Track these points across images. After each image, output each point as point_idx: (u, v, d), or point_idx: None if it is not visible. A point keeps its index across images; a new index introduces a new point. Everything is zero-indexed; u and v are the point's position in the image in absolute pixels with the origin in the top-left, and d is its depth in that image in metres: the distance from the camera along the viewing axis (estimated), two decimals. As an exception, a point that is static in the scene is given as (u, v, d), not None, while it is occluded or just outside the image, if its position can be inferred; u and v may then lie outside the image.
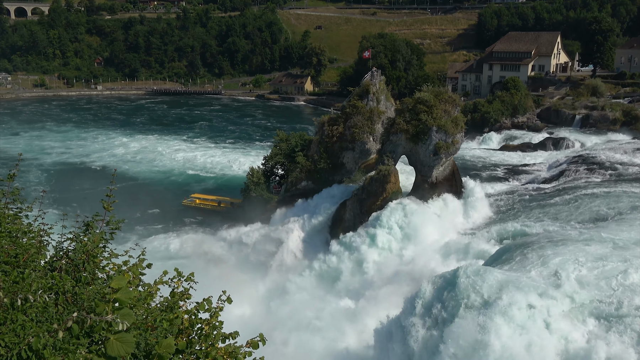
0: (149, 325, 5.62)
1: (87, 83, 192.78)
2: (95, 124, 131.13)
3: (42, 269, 6.13)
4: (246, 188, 57.15)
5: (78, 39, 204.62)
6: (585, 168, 54.47)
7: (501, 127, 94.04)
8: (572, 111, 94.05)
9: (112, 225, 7.13)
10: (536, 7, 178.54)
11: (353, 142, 50.34)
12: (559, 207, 42.27)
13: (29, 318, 4.82)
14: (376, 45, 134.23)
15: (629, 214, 36.88)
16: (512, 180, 57.96)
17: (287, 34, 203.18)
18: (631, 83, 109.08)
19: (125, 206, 58.74)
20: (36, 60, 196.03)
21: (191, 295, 6.64)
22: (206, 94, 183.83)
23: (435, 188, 47.33)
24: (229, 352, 5.94)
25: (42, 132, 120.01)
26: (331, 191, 51.40)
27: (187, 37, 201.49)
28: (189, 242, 55.36)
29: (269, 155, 59.32)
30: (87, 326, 4.50)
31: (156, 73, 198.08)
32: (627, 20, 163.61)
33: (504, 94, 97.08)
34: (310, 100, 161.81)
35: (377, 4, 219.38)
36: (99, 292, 5.51)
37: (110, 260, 6.58)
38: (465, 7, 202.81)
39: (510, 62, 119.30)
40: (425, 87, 49.66)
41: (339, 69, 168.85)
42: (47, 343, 4.39)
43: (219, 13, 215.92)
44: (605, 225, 35.12)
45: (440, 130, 45.85)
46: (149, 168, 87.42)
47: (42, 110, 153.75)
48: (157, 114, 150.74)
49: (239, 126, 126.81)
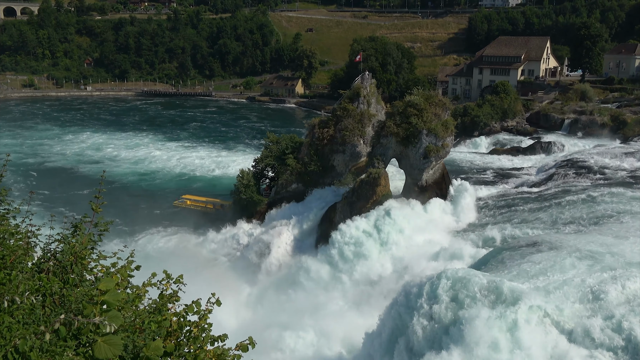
0: (137, 327, 5.59)
1: (76, 84, 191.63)
2: (84, 125, 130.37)
3: (30, 270, 6.08)
4: (236, 190, 57.03)
5: (68, 39, 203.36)
6: (574, 172, 54.84)
7: (491, 131, 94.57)
8: (561, 115, 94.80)
9: (100, 226, 7.09)
10: (526, 12, 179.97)
11: (343, 145, 50.41)
12: (547, 211, 42.53)
13: (16, 320, 4.78)
14: (367, 49, 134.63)
15: (616, 218, 37.19)
16: (501, 184, 58.22)
17: (278, 36, 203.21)
18: (619, 88, 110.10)
19: (115, 207, 58.45)
20: (25, 61, 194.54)
21: (180, 297, 6.61)
22: (197, 95, 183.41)
23: (425, 191, 47.47)
24: (217, 355, 5.92)
25: (31, 132, 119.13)
26: (321, 194, 51.42)
27: (177, 38, 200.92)
28: (179, 244, 55.12)
29: (260, 158, 59.23)
30: (74, 328, 4.48)
31: (146, 74, 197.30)
32: (615, 26, 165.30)
33: (493, 98, 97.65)
34: (301, 102, 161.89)
35: (369, 7, 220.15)
36: (87, 294, 5.47)
37: (99, 262, 6.54)
38: (455, 11, 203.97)
39: (500, 67, 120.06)
40: (416, 91, 49.80)
41: (330, 72, 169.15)
42: (34, 345, 4.37)
43: (210, 14, 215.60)
44: (594, 230, 35.38)
45: (431, 133, 46.01)
46: (140, 169, 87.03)
47: (32, 111, 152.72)
48: (147, 115, 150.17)
49: (230, 128, 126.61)
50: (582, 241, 30.23)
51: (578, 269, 25.84)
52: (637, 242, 29.85)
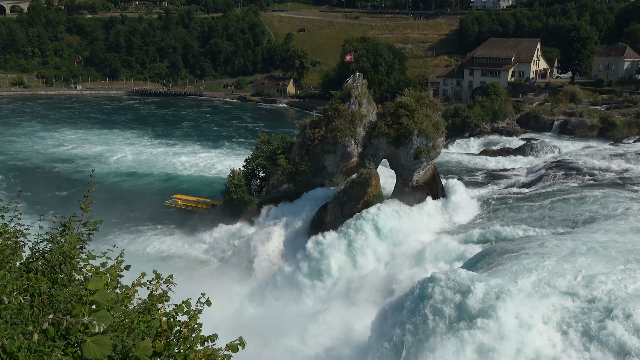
0: (126, 327, 5.57)
1: (66, 82, 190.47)
2: (74, 124, 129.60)
3: (18, 270, 6.05)
4: (227, 190, 56.91)
5: (58, 37, 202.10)
6: (563, 173, 55.19)
7: (481, 132, 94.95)
8: (551, 117, 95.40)
9: (89, 226, 7.06)
10: (517, 14, 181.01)
11: (335, 145, 50.44)
12: (537, 212, 42.77)
13: (4, 320, 4.75)
14: (358, 49, 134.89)
15: (604, 219, 37.47)
16: (491, 185, 58.48)
17: (269, 36, 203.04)
18: (608, 90, 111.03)
19: (105, 206, 58.12)
20: (14, 59, 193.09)
21: (170, 297, 6.59)
22: (188, 95, 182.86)
23: (416, 192, 47.58)
24: (207, 355, 5.91)
25: (21, 131, 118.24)
26: (312, 194, 51.42)
27: (169, 37, 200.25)
28: (169, 244, 54.94)
29: (251, 157, 59.14)
30: (63, 328, 4.45)
31: (137, 73, 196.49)
32: (605, 28, 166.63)
33: (484, 100, 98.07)
34: (292, 102, 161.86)
35: (360, 8, 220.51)
36: (76, 294, 5.45)
37: (88, 261, 6.51)
38: (447, 12, 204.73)
39: (490, 68, 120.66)
40: (407, 92, 49.90)
41: (322, 72, 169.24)
42: (22, 345, 4.34)
43: (201, 14, 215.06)
44: (582, 230, 35.63)
45: (422, 134, 46.13)
46: (131, 168, 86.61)
47: (23, 109, 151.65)
48: (138, 114, 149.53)
49: (221, 127, 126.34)
50: (573, 241, 30.43)
51: (568, 268, 26.00)
52: (628, 241, 30.08)
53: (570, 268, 26.07)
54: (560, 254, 28.05)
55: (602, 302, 22.88)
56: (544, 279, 25.14)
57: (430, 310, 24.19)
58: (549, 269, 26.18)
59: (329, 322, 36.92)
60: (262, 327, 37.30)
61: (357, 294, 39.22)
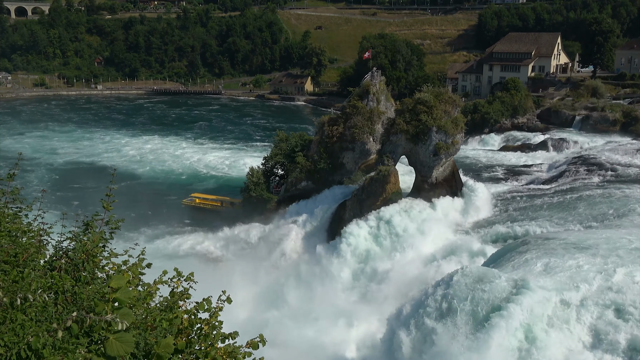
0: (148, 325, 5.62)
1: (87, 83, 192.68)
2: (96, 124, 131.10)
3: (42, 268, 6.13)
4: (246, 188, 57.12)
5: (78, 38, 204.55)
6: (585, 169, 54.49)
7: (501, 127, 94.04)
8: (572, 112, 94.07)
9: (111, 224, 7.13)
10: (536, 7, 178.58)
11: (353, 143, 50.34)
12: (558, 208, 42.27)
13: (29, 317, 4.82)
14: (376, 46, 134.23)
15: (627, 216, 36.88)
16: (512, 181, 57.97)
17: (287, 34, 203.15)
18: (631, 84, 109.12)
19: (125, 206, 58.69)
20: (36, 60, 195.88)
21: (191, 295, 6.63)
22: (206, 93, 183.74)
23: (435, 188, 47.33)
24: (228, 352, 5.93)
25: (44, 132, 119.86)
26: (331, 191, 51.39)
27: (187, 37, 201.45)
28: (189, 242, 55.32)
29: (269, 155, 59.27)
30: (86, 326, 4.50)
31: (156, 73, 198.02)
32: (627, 21, 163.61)
33: (504, 95, 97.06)
34: (310, 100, 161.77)
35: (378, 4, 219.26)
36: (99, 291, 5.51)
37: (110, 259, 6.58)
38: (465, 7, 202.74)
39: (510, 63, 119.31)
40: (425, 88, 49.66)
41: (339, 69, 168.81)
42: (47, 342, 4.39)
43: (219, 13, 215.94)
44: (605, 227, 35.12)
45: (440, 130, 45.86)
46: (149, 167, 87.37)
47: (43, 110, 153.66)
48: (157, 113, 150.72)
49: (239, 126, 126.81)
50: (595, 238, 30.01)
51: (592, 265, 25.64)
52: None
53: (595, 263, 25.71)
54: (583, 251, 27.68)
55: (630, 298, 22.54)
56: (568, 275, 24.83)
57: (455, 304, 24.03)
58: (572, 265, 25.85)
59: (353, 316, 36.93)
60: (283, 322, 37.41)
61: (382, 288, 39.11)
